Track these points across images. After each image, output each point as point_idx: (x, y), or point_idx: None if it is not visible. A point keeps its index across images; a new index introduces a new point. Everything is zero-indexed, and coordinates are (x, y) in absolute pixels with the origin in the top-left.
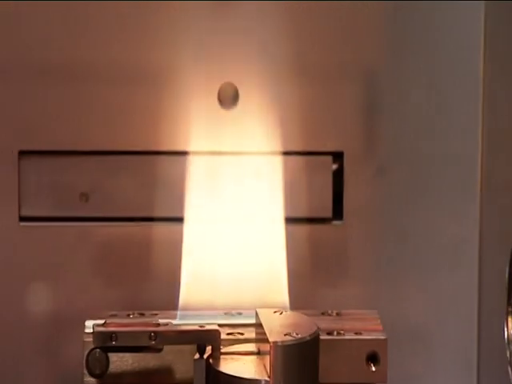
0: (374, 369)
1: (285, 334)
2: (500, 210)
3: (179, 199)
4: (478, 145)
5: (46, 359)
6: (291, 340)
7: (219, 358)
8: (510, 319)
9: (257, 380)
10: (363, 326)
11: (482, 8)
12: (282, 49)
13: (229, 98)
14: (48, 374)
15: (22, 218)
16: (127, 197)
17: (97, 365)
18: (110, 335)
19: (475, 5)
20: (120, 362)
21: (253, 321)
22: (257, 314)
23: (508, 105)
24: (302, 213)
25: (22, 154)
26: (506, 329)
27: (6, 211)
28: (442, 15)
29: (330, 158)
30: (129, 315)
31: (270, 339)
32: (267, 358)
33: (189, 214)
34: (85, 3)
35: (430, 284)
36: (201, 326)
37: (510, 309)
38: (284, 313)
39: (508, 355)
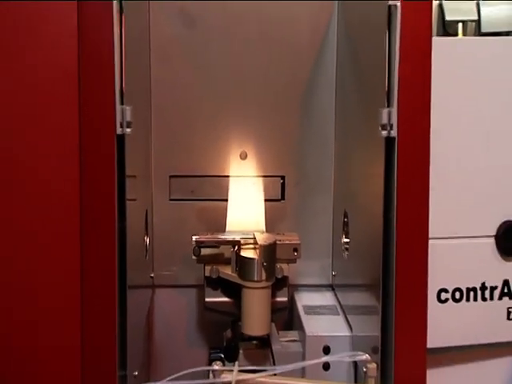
0: (296, 254)
1: (264, 241)
2: (339, 199)
3: (226, 192)
4: (331, 168)
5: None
6: (267, 243)
7: (240, 250)
8: (343, 236)
9: (253, 258)
10: (291, 238)
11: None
12: (265, 135)
13: (243, 156)
14: (185, 254)
15: (171, 199)
16: (208, 191)
17: (196, 251)
18: (201, 241)
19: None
20: (204, 251)
21: (252, 236)
22: (254, 234)
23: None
24: (269, 197)
25: (171, 176)
26: (342, 239)
27: (163, 197)
28: None
29: (279, 178)
30: (207, 234)
31: (259, 243)
32: (258, 250)
33: (230, 197)
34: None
35: (315, 224)
36: (233, 238)
37: (343, 233)
38: (263, 233)
39: (343, 249)
